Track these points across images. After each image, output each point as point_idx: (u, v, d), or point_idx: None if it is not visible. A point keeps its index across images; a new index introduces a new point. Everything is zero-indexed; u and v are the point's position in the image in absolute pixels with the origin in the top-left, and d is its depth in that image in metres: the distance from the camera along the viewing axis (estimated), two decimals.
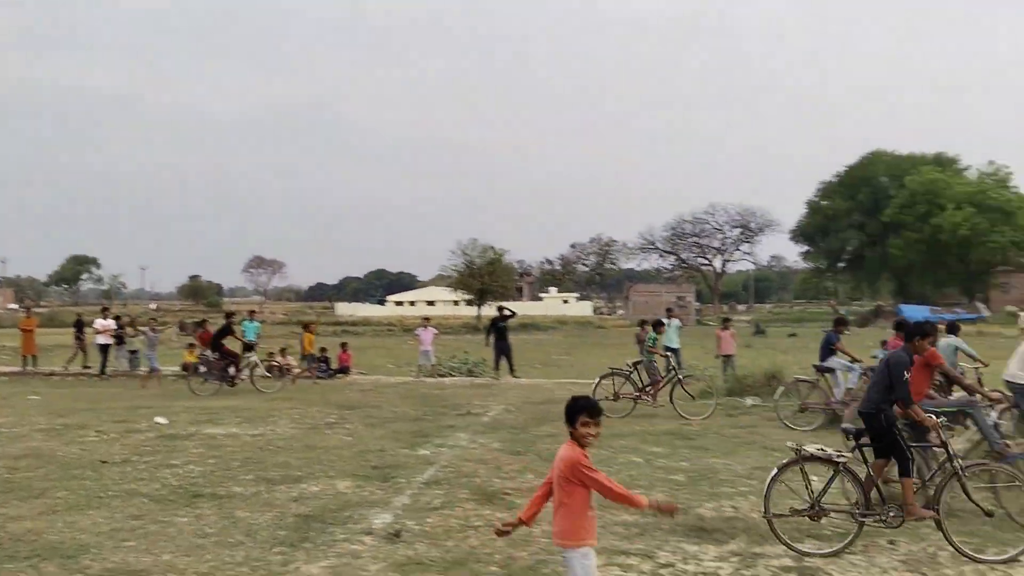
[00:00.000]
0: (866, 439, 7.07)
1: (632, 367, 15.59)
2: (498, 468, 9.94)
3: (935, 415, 7.39)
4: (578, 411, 4.37)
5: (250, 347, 20.15)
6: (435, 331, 23.51)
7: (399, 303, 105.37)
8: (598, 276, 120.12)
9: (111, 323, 23.26)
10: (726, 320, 22.05)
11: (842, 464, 6.76)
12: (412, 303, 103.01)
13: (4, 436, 12.30)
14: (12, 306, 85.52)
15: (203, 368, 19.43)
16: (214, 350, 19.58)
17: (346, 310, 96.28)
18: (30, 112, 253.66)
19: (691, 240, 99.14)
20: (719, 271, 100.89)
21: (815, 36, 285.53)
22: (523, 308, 63.63)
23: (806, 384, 14.17)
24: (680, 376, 15.37)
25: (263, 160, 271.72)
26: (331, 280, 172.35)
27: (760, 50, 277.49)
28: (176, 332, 40.74)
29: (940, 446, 6.95)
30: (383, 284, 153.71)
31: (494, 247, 65.57)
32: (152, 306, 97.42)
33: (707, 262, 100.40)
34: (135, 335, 23.37)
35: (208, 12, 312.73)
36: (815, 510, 6.79)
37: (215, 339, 19.74)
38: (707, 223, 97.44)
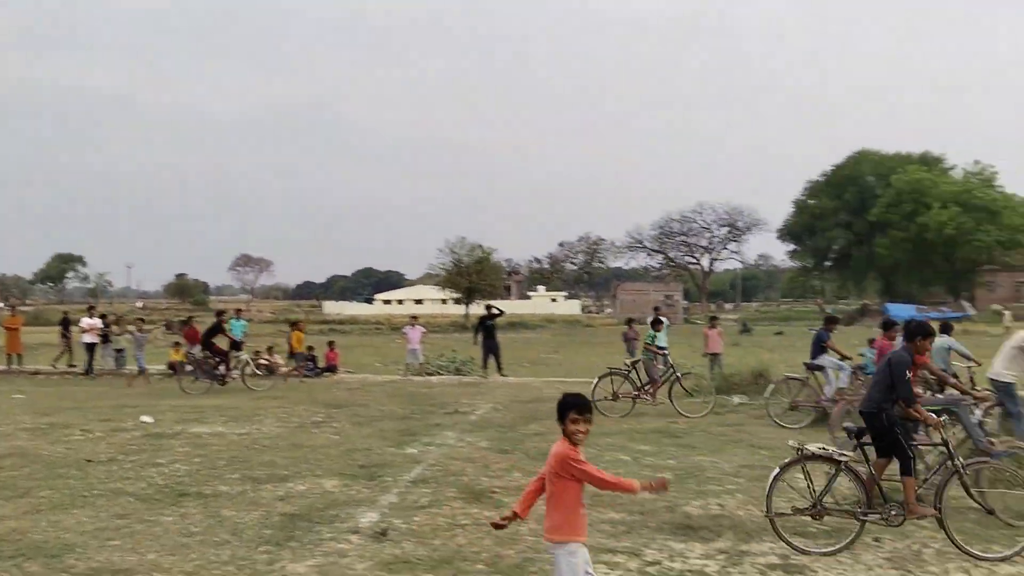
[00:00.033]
0: (867, 438, 7.12)
1: (631, 366, 15.67)
2: (486, 466, 9.94)
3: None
4: (567, 408, 4.43)
5: (237, 345, 20.09)
6: (423, 329, 23.49)
7: (387, 302, 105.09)
8: (586, 275, 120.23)
9: (97, 322, 23.16)
10: (713, 319, 22.10)
11: (844, 463, 6.79)
12: (400, 302, 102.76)
13: None
14: None
15: (190, 367, 19.37)
16: (204, 348, 19.51)
17: (334, 308, 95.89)
18: (19, 112, 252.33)
19: (679, 239, 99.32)
20: (707, 270, 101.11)
21: (813, 36, 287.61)
22: (511, 307, 63.58)
23: (796, 382, 14.24)
24: (678, 374, 15.45)
25: (251, 158, 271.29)
26: (319, 278, 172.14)
27: (757, 50, 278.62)
28: (163, 331, 40.60)
29: (941, 444, 7.00)
30: (371, 283, 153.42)
31: (482, 246, 65.46)
32: (138, 304, 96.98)
33: (695, 261, 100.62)
34: (121, 333, 23.27)
35: (206, 11, 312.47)
36: (817, 509, 6.82)
37: (205, 337, 19.67)
38: (695, 222, 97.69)
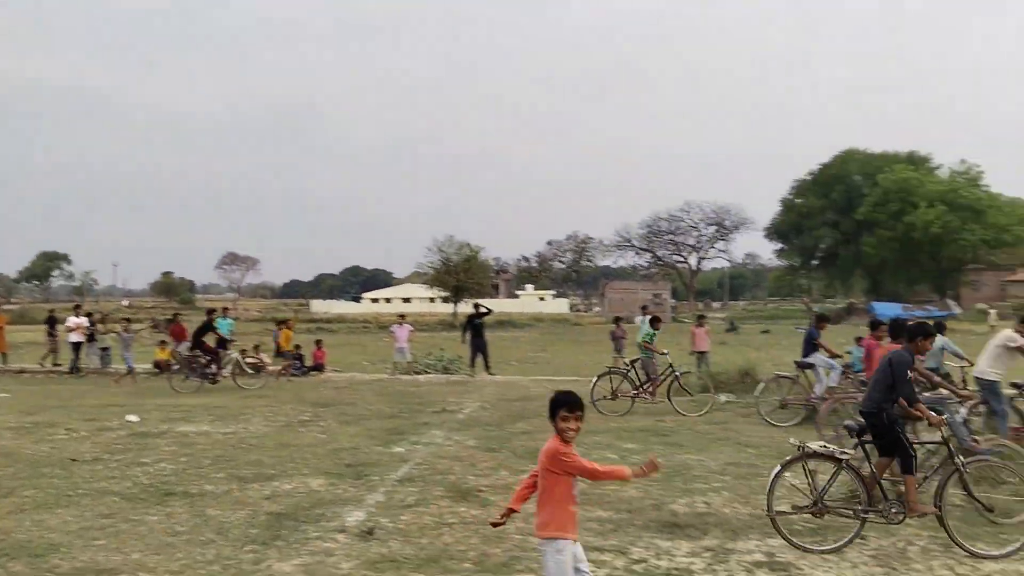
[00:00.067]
0: (868, 436, 7.16)
1: (629, 365, 15.73)
2: (473, 465, 9.94)
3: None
4: (558, 406, 4.48)
5: (224, 343, 20.01)
6: (410, 328, 23.44)
7: (375, 300, 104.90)
8: (574, 273, 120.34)
9: (84, 320, 23.04)
10: (700, 317, 22.16)
11: (845, 461, 6.82)
12: (388, 300, 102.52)
13: None
14: None
15: (176, 366, 19.29)
16: (195, 347, 19.44)
17: (321, 307, 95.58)
18: (2, 110, 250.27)
19: (667, 238, 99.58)
20: (694, 268, 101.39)
21: (801, 34, 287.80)
22: (499, 305, 63.54)
23: (786, 380, 14.32)
24: (677, 373, 15.50)
25: (238, 157, 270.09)
26: (306, 277, 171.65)
27: (744, 48, 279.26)
28: (149, 329, 40.35)
29: (942, 443, 7.03)
30: (359, 281, 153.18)
31: (470, 244, 65.23)
32: (124, 303, 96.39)
33: (682, 259, 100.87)
34: (106, 332, 23.15)
35: (192, 10, 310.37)
36: (818, 507, 6.85)
37: (196, 336, 19.60)
38: (682, 221, 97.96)
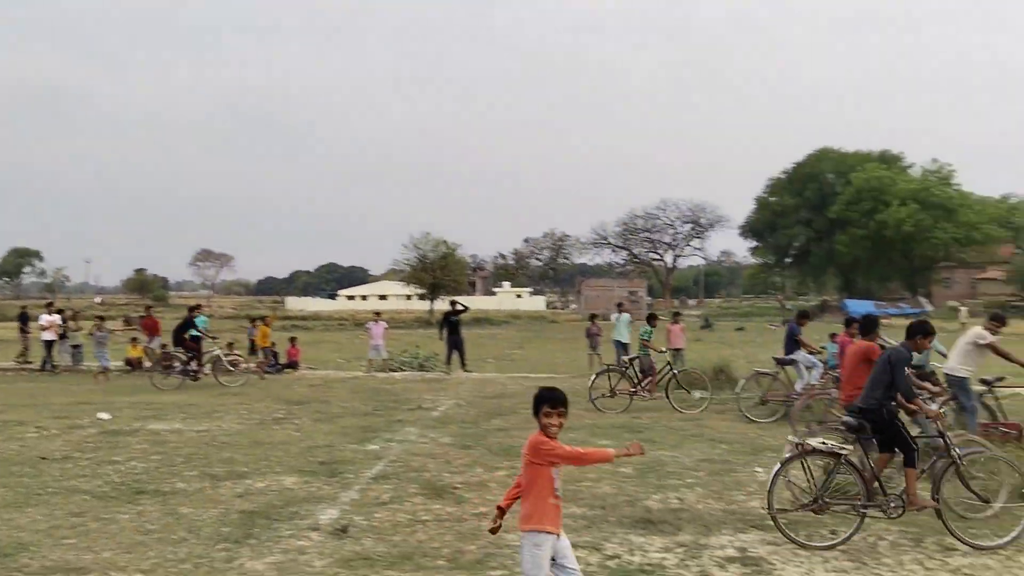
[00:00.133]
0: (866, 433, 7.22)
1: (628, 363, 15.85)
2: (448, 462, 9.94)
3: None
4: (541, 402, 4.55)
5: (197, 340, 19.84)
6: (385, 325, 23.39)
7: (351, 297, 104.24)
8: (551, 271, 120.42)
9: (56, 318, 22.79)
10: (676, 314, 22.25)
11: (844, 457, 6.86)
12: (364, 297, 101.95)
13: None
14: None
15: (148, 363, 19.11)
16: (176, 344, 19.31)
17: (296, 304, 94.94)
18: None
19: (643, 235, 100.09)
20: (670, 266, 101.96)
21: (776, 33, 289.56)
22: (476, 303, 63.66)
23: (767, 377, 14.44)
24: (675, 370, 15.68)
25: (212, 153, 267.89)
26: (281, 274, 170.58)
27: (720, 46, 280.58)
28: (123, 327, 39.95)
29: (938, 436, 7.10)
30: (334, 278, 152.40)
31: (447, 241, 64.91)
32: (97, 300, 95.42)
33: (658, 257, 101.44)
34: (77, 329, 22.91)
35: (156, 7, 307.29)
36: (818, 504, 6.89)
37: (177, 333, 19.46)
38: (658, 218, 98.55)
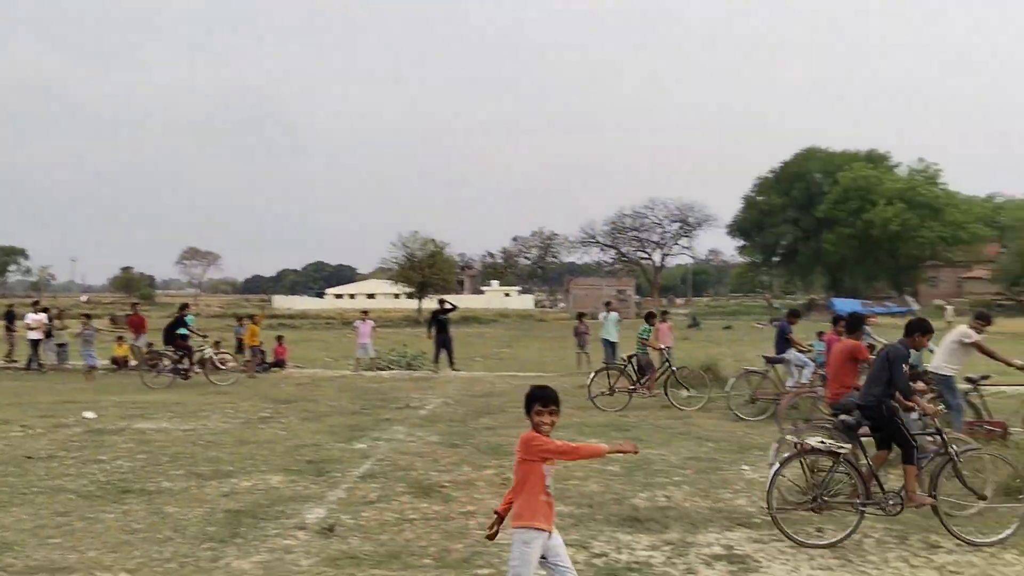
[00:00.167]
0: (864, 430, 7.25)
1: (626, 361, 15.89)
2: (435, 461, 9.93)
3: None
4: (532, 400, 4.56)
5: (186, 338, 19.75)
6: (373, 324, 23.35)
7: (338, 296, 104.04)
8: (540, 269, 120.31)
9: (42, 317, 22.64)
10: (663, 313, 22.30)
11: (842, 456, 6.88)
12: (352, 296, 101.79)
13: None
14: None
15: (134, 361, 19.01)
16: (167, 342, 19.21)
17: (284, 303, 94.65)
18: None
19: (631, 234, 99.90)
20: (658, 265, 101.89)
21: (765, 32, 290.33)
22: (465, 301, 63.59)
23: (756, 375, 14.50)
24: (674, 368, 15.74)
25: (199, 151, 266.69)
26: (268, 272, 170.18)
27: (708, 45, 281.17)
28: (109, 326, 39.78)
29: (936, 433, 7.14)
30: (322, 277, 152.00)
31: (435, 240, 64.76)
32: (83, 298, 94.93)
33: (646, 256, 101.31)
34: (63, 328, 22.78)
35: (138, 4, 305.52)
36: (817, 502, 6.91)
37: (167, 331, 19.36)
38: (647, 217, 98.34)
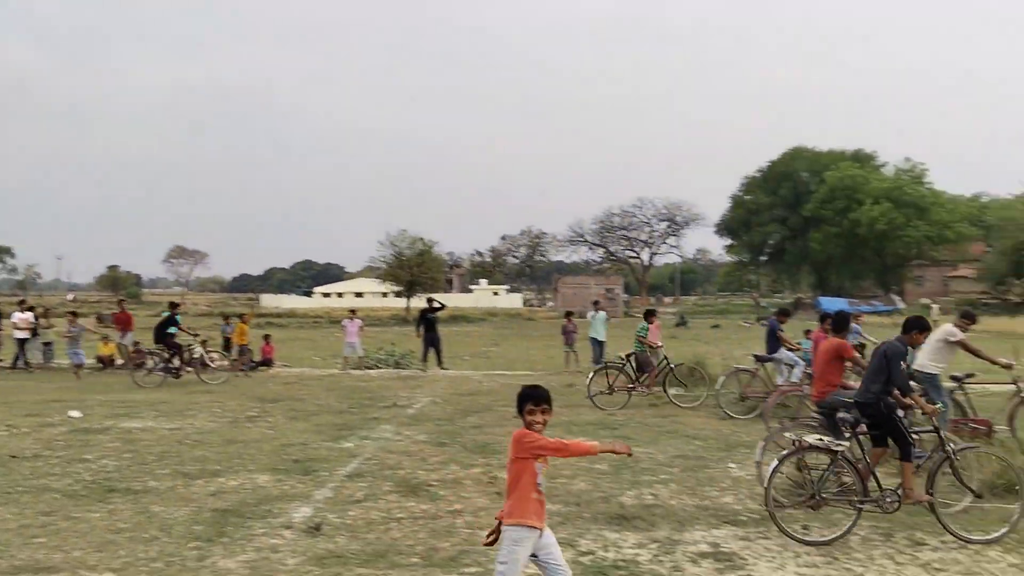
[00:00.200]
0: (862, 428, 7.28)
1: (625, 359, 15.95)
2: (423, 460, 9.92)
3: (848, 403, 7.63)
4: (524, 400, 4.56)
5: (173, 336, 19.65)
6: (361, 323, 23.32)
7: (326, 295, 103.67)
8: (528, 268, 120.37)
9: (29, 316, 22.49)
10: (652, 311, 22.30)
11: (840, 453, 6.90)
12: (340, 295, 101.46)
13: None
14: None
15: (120, 360, 18.90)
16: (157, 341, 19.11)
17: (271, 302, 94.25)
18: None
19: (619, 233, 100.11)
20: (646, 264, 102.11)
21: (752, 32, 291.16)
22: (453, 300, 63.50)
23: (746, 374, 14.56)
24: (672, 366, 15.82)
25: (186, 148, 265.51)
26: (256, 271, 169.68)
27: (694, 46, 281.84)
28: (95, 324, 39.58)
29: (933, 431, 7.17)
30: (310, 275, 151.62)
31: (424, 238, 64.65)
32: (69, 297, 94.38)
33: (635, 255, 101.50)
34: (49, 327, 22.64)
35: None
36: (815, 500, 6.94)
37: (158, 330, 19.25)
38: (635, 216, 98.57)
